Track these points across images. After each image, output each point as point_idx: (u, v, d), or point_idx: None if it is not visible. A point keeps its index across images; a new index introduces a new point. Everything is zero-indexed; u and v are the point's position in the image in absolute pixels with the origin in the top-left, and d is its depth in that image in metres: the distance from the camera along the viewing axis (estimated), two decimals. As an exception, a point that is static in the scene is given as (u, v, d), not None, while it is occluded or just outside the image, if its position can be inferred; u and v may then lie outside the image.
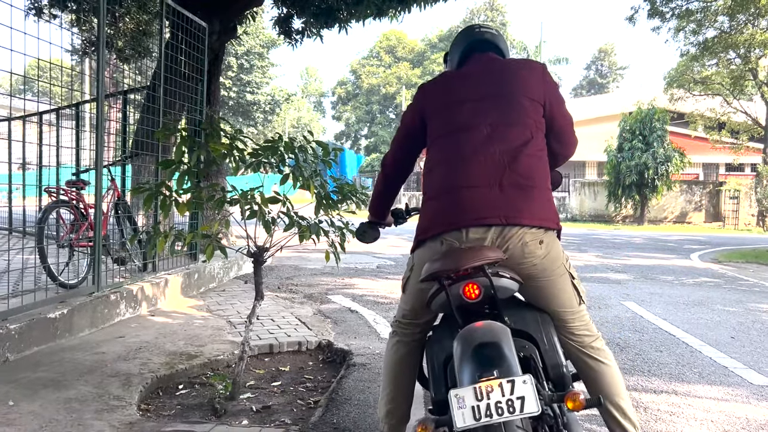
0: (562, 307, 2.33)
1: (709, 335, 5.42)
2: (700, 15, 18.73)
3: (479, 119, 2.33)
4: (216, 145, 3.49)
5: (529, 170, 2.28)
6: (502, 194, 2.23)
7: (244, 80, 49.97)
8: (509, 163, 2.26)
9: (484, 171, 2.26)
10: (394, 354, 2.57)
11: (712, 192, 29.10)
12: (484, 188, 2.24)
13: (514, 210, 2.21)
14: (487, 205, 2.23)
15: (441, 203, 2.32)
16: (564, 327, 2.36)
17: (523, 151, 2.28)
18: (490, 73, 2.44)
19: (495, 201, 2.22)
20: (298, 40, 11.15)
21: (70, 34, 11.64)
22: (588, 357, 2.37)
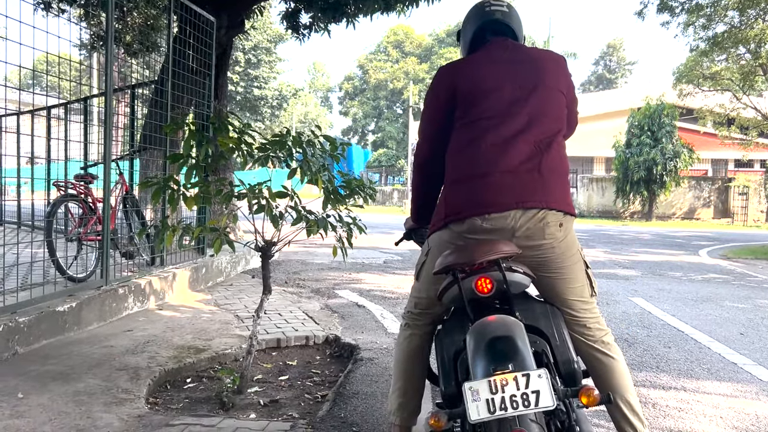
0: (576, 297, 2.34)
1: (717, 332, 5.39)
2: (710, 10, 18.57)
3: (518, 108, 2.31)
4: (224, 139, 3.49)
5: (560, 159, 2.33)
6: (541, 179, 2.24)
7: (251, 75, 49.97)
8: (545, 150, 2.28)
9: (525, 157, 2.26)
10: (406, 346, 2.56)
11: (721, 188, 28.95)
12: (523, 174, 2.24)
13: (552, 194, 2.25)
14: (520, 188, 2.23)
15: (475, 186, 2.28)
16: (576, 320, 2.36)
17: (555, 140, 2.32)
18: (521, 62, 2.41)
19: (535, 185, 2.24)
20: (306, 34, 11.12)
21: (79, 29, 11.68)
22: (599, 352, 2.37)
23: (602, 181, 30.04)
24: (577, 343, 2.37)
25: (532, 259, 2.29)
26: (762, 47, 20.02)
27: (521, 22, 2.61)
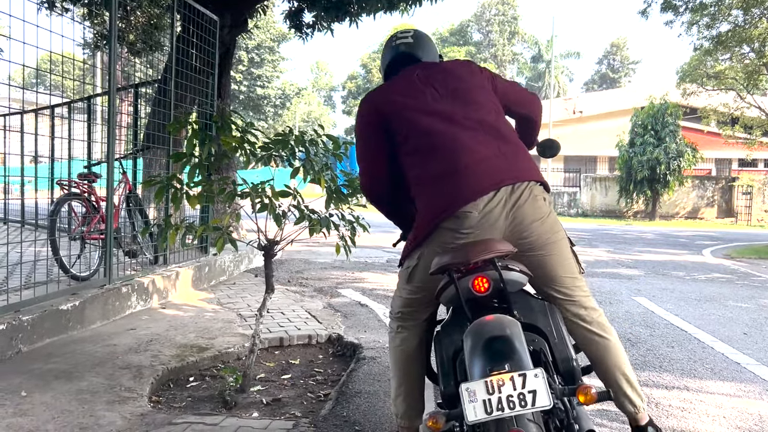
0: (567, 273, 2.36)
1: (721, 331, 5.38)
2: (714, 9, 18.51)
3: (454, 111, 2.40)
4: (227, 138, 3.49)
5: (512, 136, 2.45)
6: (506, 159, 2.32)
7: (254, 74, 50.02)
8: (496, 134, 2.37)
9: (483, 143, 2.33)
10: (405, 348, 2.56)
11: (725, 187, 28.88)
12: (492, 158, 2.30)
13: (529, 171, 2.33)
14: (499, 169, 2.28)
15: (454, 180, 2.29)
16: (571, 300, 2.37)
17: (499, 121, 2.44)
18: (435, 73, 2.53)
19: (503, 164, 2.30)
20: (309, 33, 11.14)
21: (82, 28, 11.70)
22: (596, 335, 2.39)
23: (605, 181, 30.00)
24: (572, 328, 2.38)
25: (525, 239, 2.29)
26: (766, 46, 19.97)
27: (430, 45, 2.75)
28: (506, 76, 63.00)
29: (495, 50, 61.85)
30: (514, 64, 65.49)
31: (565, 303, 2.37)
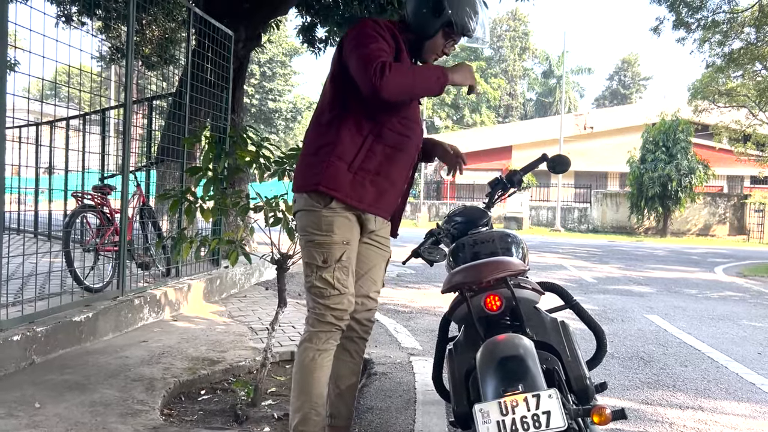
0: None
1: (735, 350, 5.33)
2: (726, 26, 18.51)
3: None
4: (243, 152, 3.52)
5: (309, 134, 2.61)
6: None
7: (266, 88, 50.36)
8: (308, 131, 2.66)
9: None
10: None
11: (737, 205, 28.71)
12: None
13: (296, 178, 2.63)
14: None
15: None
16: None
17: (316, 118, 2.61)
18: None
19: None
20: (322, 48, 11.24)
21: (99, 41, 11.84)
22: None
23: (616, 197, 29.90)
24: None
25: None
26: (779, 64, 19.94)
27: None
28: (517, 91, 63.13)
29: (506, 65, 61.98)
30: (525, 80, 65.59)
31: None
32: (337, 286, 2.45)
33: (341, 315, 2.49)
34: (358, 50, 2.31)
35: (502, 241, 2.77)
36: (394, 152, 2.47)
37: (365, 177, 2.43)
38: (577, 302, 2.73)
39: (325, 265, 2.44)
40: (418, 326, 5.93)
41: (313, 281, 2.47)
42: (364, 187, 2.42)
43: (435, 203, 32.72)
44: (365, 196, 2.44)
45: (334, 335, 2.51)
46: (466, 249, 2.79)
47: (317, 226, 2.44)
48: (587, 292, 8.56)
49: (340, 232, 2.44)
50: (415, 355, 4.78)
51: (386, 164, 2.46)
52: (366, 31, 2.37)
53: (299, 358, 2.50)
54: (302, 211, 2.50)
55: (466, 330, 2.47)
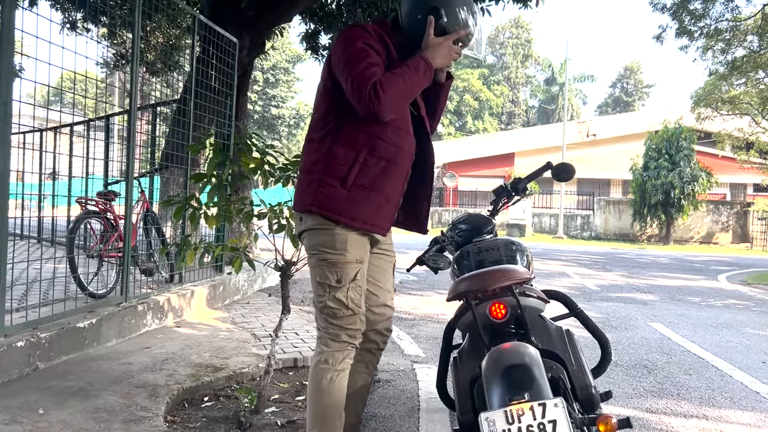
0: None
1: (739, 359, 5.32)
2: (729, 34, 18.55)
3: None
4: (247, 159, 3.53)
5: (306, 156, 2.55)
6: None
7: (269, 94, 50.46)
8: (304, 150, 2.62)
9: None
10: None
11: (740, 212, 28.68)
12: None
13: (295, 195, 2.60)
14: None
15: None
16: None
17: (309, 136, 2.57)
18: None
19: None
20: (325, 55, 11.27)
21: (103, 48, 11.89)
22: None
23: (619, 204, 29.88)
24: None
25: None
26: (781, 72, 19.96)
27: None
28: (519, 98, 63.19)
29: (508, 73, 62.06)
30: (528, 87, 65.66)
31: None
32: (351, 306, 2.40)
33: (355, 334, 2.45)
34: (350, 70, 2.24)
35: (506, 249, 2.77)
36: (389, 165, 2.39)
37: (360, 193, 2.35)
38: (582, 310, 2.73)
39: (338, 285, 2.38)
40: (421, 333, 5.92)
41: (326, 302, 2.41)
42: (358, 203, 2.36)
43: (438, 210, 32.71)
44: (359, 213, 2.36)
45: (350, 354, 2.46)
46: (470, 257, 2.79)
47: (330, 245, 2.38)
48: (590, 299, 8.55)
49: (354, 251, 2.39)
50: (418, 363, 4.77)
51: (381, 178, 2.38)
52: (354, 45, 2.29)
53: (315, 379, 2.42)
54: (313, 230, 2.42)
55: (471, 338, 2.47)
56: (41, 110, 4.93)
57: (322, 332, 2.47)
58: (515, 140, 38.33)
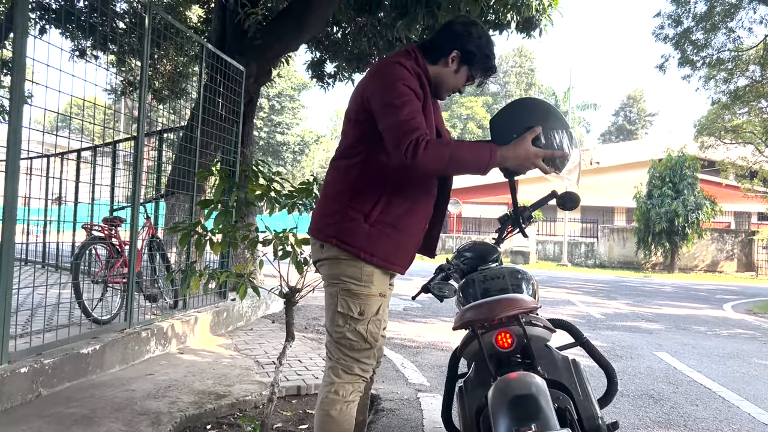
0: (329, 324, 2.51)
1: (746, 390, 5.27)
2: (731, 64, 18.71)
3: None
4: (254, 186, 3.55)
5: (330, 182, 2.55)
6: (318, 205, 2.61)
7: (274, 121, 50.88)
8: (327, 176, 2.59)
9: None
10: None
11: (744, 241, 28.59)
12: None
13: (312, 221, 2.57)
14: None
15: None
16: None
17: (334, 163, 2.56)
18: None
19: (314, 212, 2.61)
20: (330, 83, 11.40)
21: (114, 74, 12.03)
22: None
23: (623, 232, 29.82)
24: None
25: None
26: (784, 101, 20.08)
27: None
28: (523, 126, 63.41)
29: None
30: (531, 115, 65.90)
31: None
32: (369, 340, 2.39)
33: (368, 368, 2.44)
34: (391, 115, 2.21)
35: (512, 278, 2.76)
36: (413, 205, 2.40)
37: (382, 230, 2.34)
38: (588, 340, 2.71)
39: (361, 317, 2.37)
40: (425, 362, 5.89)
41: (346, 333, 2.38)
42: (379, 240, 2.34)
43: (441, 236, 32.65)
44: (378, 250, 2.35)
45: (360, 386, 2.45)
46: (476, 285, 2.79)
47: (356, 276, 2.36)
48: (595, 328, 8.50)
49: (378, 284, 2.39)
50: (422, 392, 4.74)
51: (405, 217, 2.39)
52: (395, 87, 2.24)
53: (325, 410, 2.39)
54: (336, 260, 2.39)
55: (477, 367, 2.45)
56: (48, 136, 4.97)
57: (334, 362, 2.43)
58: (519, 167, 38.34)
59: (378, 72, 2.35)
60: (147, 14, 5.20)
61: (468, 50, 2.43)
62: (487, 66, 2.50)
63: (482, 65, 2.49)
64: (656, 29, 18.75)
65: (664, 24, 18.53)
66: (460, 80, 2.51)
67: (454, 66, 2.45)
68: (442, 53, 2.44)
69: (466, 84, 2.56)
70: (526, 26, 8.82)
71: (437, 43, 2.47)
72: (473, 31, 2.45)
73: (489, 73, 2.54)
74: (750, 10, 17.25)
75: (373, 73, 2.37)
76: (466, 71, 2.48)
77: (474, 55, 2.44)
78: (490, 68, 2.52)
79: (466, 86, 2.59)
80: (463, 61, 2.45)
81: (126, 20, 10.85)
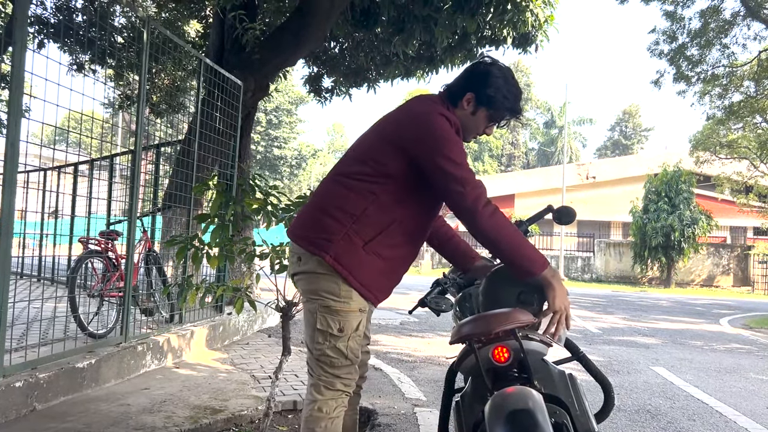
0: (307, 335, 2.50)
1: (743, 405, 5.26)
2: (726, 80, 18.85)
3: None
4: (251, 200, 3.56)
5: (327, 193, 2.53)
6: (306, 212, 2.57)
7: (272, 135, 50.98)
8: (324, 186, 2.55)
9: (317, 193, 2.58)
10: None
11: (740, 256, 28.65)
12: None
13: (297, 228, 2.53)
14: (295, 222, 2.59)
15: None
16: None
17: (337, 177, 2.53)
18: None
19: (298, 219, 2.58)
20: (328, 98, 11.44)
21: (112, 89, 12.06)
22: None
23: (619, 246, 29.87)
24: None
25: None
26: (779, 116, 20.21)
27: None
28: (519, 140, 63.70)
29: (508, 115, 62.68)
30: (527, 129, 66.28)
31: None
32: (350, 356, 2.37)
33: (350, 383, 2.43)
34: (457, 171, 2.24)
35: None
36: (407, 245, 2.44)
37: (374, 259, 2.35)
38: (584, 354, 2.71)
39: (341, 334, 2.35)
40: (422, 376, 5.87)
41: (325, 350, 2.36)
42: (367, 267, 2.35)
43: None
44: (362, 276, 2.34)
45: (344, 401, 2.43)
46: (473, 299, 2.79)
47: (334, 292, 2.34)
48: (592, 342, 8.49)
49: (357, 300, 2.37)
50: (419, 406, 4.72)
51: (397, 254, 2.42)
52: (449, 137, 2.28)
53: (310, 428, 2.37)
54: (315, 274, 2.37)
55: (474, 382, 2.45)
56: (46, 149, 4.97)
57: (315, 379, 2.42)
58: (515, 182, 38.55)
59: (423, 118, 2.33)
60: (145, 29, 5.24)
61: (483, 92, 2.41)
62: (506, 107, 2.44)
63: (501, 106, 2.44)
64: (651, 45, 18.90)
65: (659, 40, 18.68)
66: (480, 123, 2.48)
67: (470, 109, 2.43)
68: (459, 96, 2.44)
69: (490, 126, 2.51)
70: (522, 42, 8.88)
71: (454, 87, 2.48)
72: (490, 71, 2.43)
73: (510, 114, 2.48)
74: (744, 26, 17.41)
75: (417, 118, 2.35)
76: (484, 113, 2.45)
77: (489, 96, 2.41)
78: (510, 109, 2.46)
79: (492, 129, 2.54)
80: (479, 103, 2.43)
81: (124, 35, 10.90)
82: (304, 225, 2.45)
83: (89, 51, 9.48)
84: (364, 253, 2.33)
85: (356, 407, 2.76)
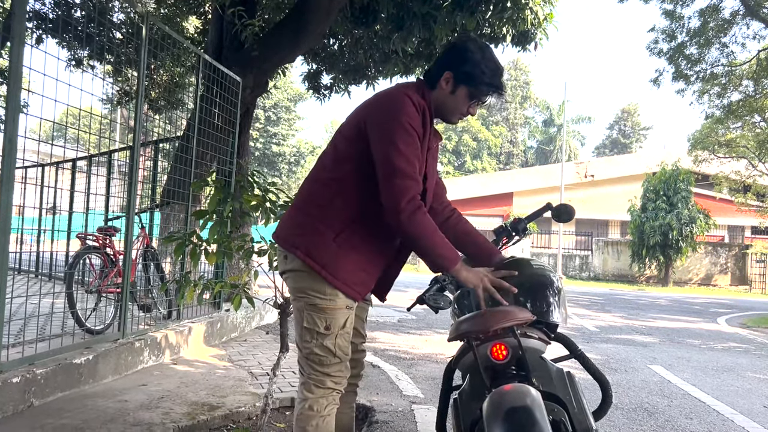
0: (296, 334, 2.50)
1: (740, 403, 5.27)
2: (725, 79, 18.86)
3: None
4: (249, 197, 3.55)
5: (306, 193, 2.53)
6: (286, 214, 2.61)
7: (270, 132, 50.92)
8: (303, 186, 2.58)
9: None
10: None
11: (738, 255, 28.70)
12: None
13: (280, 230, 2.54)
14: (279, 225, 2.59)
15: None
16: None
17: (312, 176, 2.55)
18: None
19: (282, 221, 2.59)
20: (327, 95, 11.42)
21: (111, 84, 12.04)
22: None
23: (618, 245, 29.90)
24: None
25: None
26: (777, 116, 20.22)
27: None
28: (518, 139, 63.70)
29: (507, 114, 62.75)
30: (526, 128, 66.32)
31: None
32: (338, 354, 2.36)
33: (341, 380, 2.42)
34: (392, 156, 2.20)
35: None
36: (383, 236, 2.39)
37: (349, 252, 2.31)
38: (582, 352, 2.71)
39: (327, 332, 2.33)
40: (419, 373, 5.87)
41: (313, 349, 2.35)
42: (343, 261, 2.31)
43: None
44: (340, 271, 2.30)
45: (335, 398, 2.42)
46: (471, 296, 2.79)
47: (321, 290, 2.31)
48: (590, 341, 8.50)
49: (345, 297, 2.34)
50: (417, 404, 4.72)
51: (370, 245, 2.37)
52: (403, 123, 2.22)
53: (301, 426, 2.36)
54: (301, 272, 2.35)
55: (472, 379, 2.45)
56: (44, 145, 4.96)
57: (306, 378, 2.40)
58: (514, 180, 38.55)
59: (385, 99, 2.32)
60: (144, 24, 5.22)
61: (462, 69, 2.36)
62: (485, 82, 2.38)
63: (480, 82, 2.37)
64: (650, 44, 18.91)
65: (658, 39, 18.68)
66: (461, 102, 2.42)
67: (449, 88, 2.39)
68: (437, 76, 2.40)
69: (473, 105, 2.45)
70: (521, 40, 8.86)
71: (432, 68, 2.44)
72: (467, 46, 2.38)
73: (492, 90, 2.42)
74: (743, 25, 17.41)
75: (379, 99, 2.34)
76: (464, 91, 2.39)
77: (467, 73, 2.36)
78: (489, 84, 2.39)
79: (475, 107, 2.47)
80: (458, 81, 2.38)
81: (123, 30, 10.88)
82: (283, 224, 2.49)
83: (88, 46, 9.46)
84: (336, 246, 2.29)
85: (353, 404, 2.76)
